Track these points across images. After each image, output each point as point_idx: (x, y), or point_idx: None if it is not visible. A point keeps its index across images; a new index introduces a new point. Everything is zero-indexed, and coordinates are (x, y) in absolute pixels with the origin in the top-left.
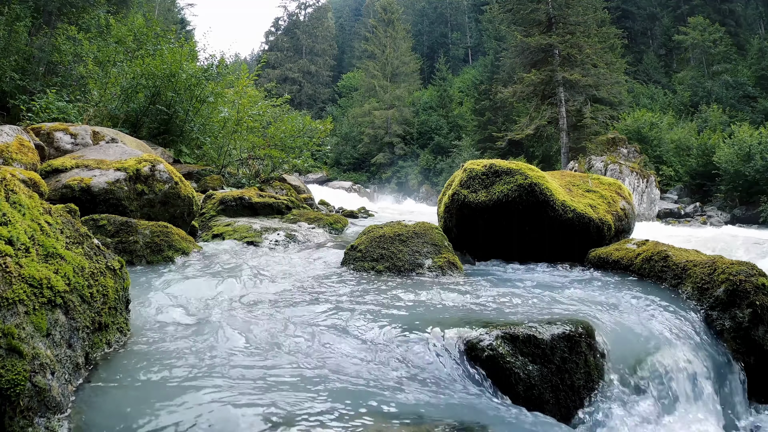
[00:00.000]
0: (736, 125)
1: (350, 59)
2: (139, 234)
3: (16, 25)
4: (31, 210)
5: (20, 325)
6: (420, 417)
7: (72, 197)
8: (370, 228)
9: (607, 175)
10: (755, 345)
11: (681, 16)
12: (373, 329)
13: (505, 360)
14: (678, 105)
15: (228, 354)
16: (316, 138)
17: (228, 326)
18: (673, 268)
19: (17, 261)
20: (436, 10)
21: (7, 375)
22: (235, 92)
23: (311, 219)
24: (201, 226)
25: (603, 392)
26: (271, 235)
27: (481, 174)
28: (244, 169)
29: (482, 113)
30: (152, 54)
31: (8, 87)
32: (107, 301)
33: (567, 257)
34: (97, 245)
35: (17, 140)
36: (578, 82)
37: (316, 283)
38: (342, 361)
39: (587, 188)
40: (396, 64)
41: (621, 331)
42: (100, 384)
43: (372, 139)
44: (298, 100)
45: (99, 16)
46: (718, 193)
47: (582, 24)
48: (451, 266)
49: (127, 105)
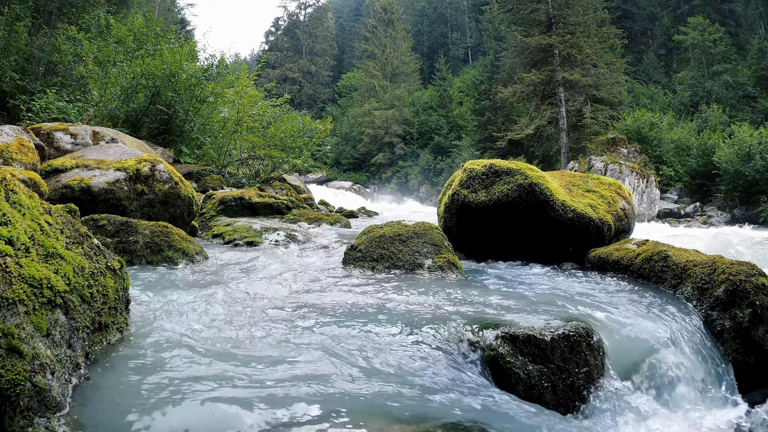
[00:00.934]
0: (736, 125)
1: (350, 59)
2: (139, 234)
3: (16, 25)
4: (31, 210)
5: (20, 325)
6: (420, 417)
7: (72, 197)
8: (370, 228)
9: (607, 175)
10: (755, 345)
11: (681, 16)
12: (373, 329)
13: (506, 360)
14: (678, 105)
15: (228, 353)
16: (316, 138)
17: (227, 326)
18: (673, 268)
19: (17, 261)
20: (436, 10)
21: (7, 375)
22: (235, 92)
23: (311, 219)
24: (201, 226)
25: (603, 392)
26: (271, 235)
27: (481, 174)
28: (244, 169)
29: (482, 113)
30: (152, 54)
31: (8, 87)
32: (107, 301)
33: (567, 257)
34: (97, 245)
35: (17, 140)
36: (578, 82)
37: (315, 283)
38: (342, 360)
39: (587, 188)
40: (396, 64)
41: (621, 331)
42: (101, 384)
43: (372, 139)
44: (298, 100)
45: (99, 16)
46: (718, 193)
47: (582, 24)
48: (451, 266)
49: (127, 105)
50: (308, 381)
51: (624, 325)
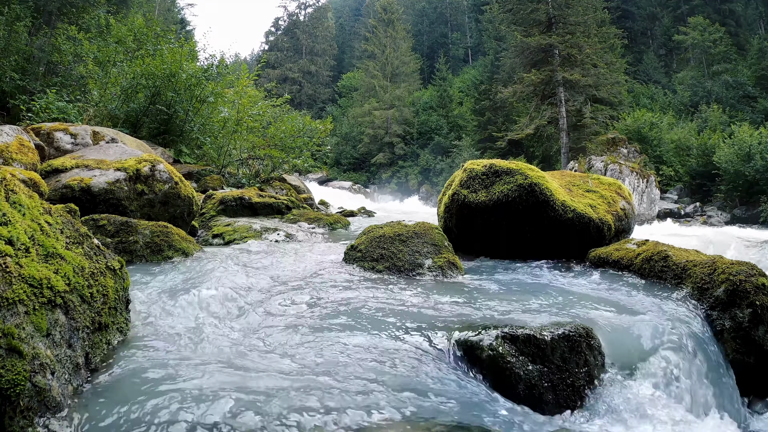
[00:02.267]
0: (736, 125)
1: (350, 59)
2: (139, 234)
3: (16, 25)
4: (31, 210)
5: (20, 325)
6: (420, 416)
7: (72, 197)
8: (370, 228)
9: (607, 175)
10: (755, 345)
11: (681, 16)
12: (373, 329)
13: (506, 360)
14: (678, 105)
15: (228, 353)
16: (316, 138)
17: (228, 326)
18: (673, 268)
19: (17, 261)
20: (436, 10)
21: (7, 375)
22: (235, 92)
23: (311, 219)
24: (201, 226)
25: (603, 391)
26: (271, 235)
27: (481, 174)
28: (244, 169)
29: (482, 113)
30: (152, 54)
31: (8, 87)
32: (107, 301)
33: (567, 257)
34: (97, 245)
35: (17, 140)
36: (578, 82)
37: (315, 282)
38: (341, 360)
39: (587, 188)
40: (396, 64)
41: (621, 331)
42: (100, 384)
43: (372, 139)
44: (298, 100)
45: (99, 16)
46: (718, 193)
47: (582, 24)
48: (451, 266)
49: (127, 105)
50: (306, 380)
51: (624, 325)
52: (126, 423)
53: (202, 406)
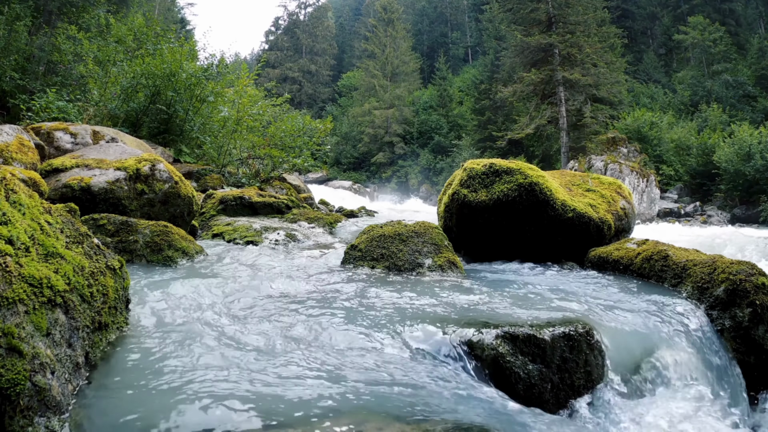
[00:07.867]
0: (736, 125)
1: (350, 59)
2: (139, 233)
3: (16, 24)
4: (31, 209)
5: (20, 325)
6: (420, 416)
7: (72, 197)
8: (370, 227)
9: (607, 174)
10: (755, 344)
11: (681, 16)
12: (373, 329)
13: (506, 359)
14: (678, 104)
15: (228, 353)
16: (316, 137)
17: (228, 326)
18: (673, 267)
19: (17, 260)
20: (436, 10)
21: (7, 374)
22: (235, 91)
23: (311, 218)
24: (201, 226)
25: (603, 391)
26: (271, 234)
27: (481, 173)
28: (244, 168)
29: (482, 113)
30: (152, 53)
31: (8, 86)
32: (107, 301)
33: (567, 257)
34: (97, 245)
35: (17, 140)
36: (578, 82)
37: (315, 282)
38: (341, 360)
39: (587, 188)
40: (396, 64)
41: (621, 331)
42: (101, 383)
43: (372, 138)
44: (298, 99)
45: (99, 15)
46: (718, 193)
47: (582, 23)
48: (452, 266)
49: (127, 104)
50: (306, 380)
51: (624, 325)
52: (126, 422)
53: (203, 405)
